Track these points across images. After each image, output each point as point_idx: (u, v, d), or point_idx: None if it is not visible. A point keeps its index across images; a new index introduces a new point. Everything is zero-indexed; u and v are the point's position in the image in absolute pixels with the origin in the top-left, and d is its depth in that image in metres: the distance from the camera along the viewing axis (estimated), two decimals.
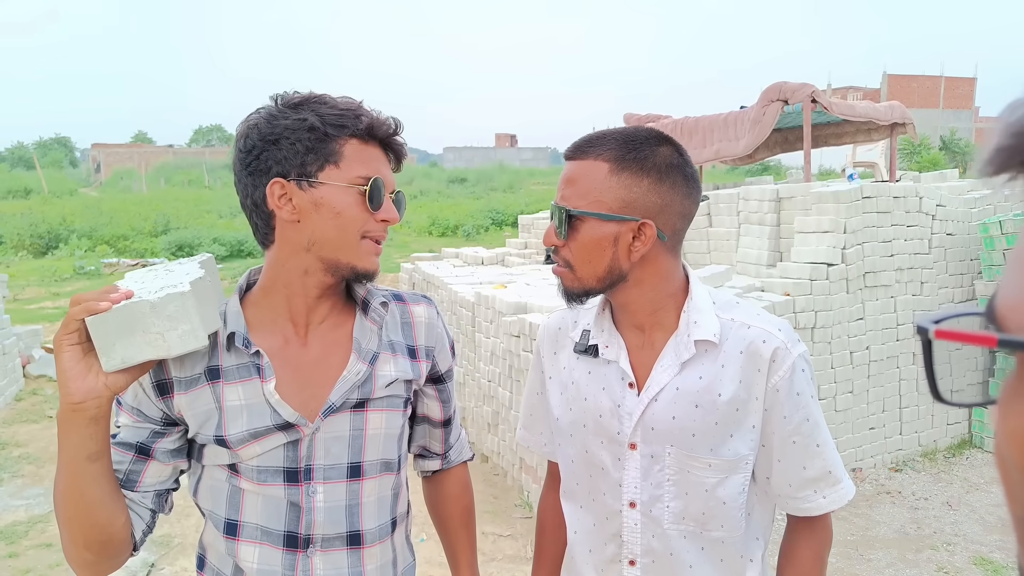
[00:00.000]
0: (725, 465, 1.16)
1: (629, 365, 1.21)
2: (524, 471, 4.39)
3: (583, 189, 1.14)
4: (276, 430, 1.12)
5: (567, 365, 1.30)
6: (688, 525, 1.19)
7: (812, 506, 1.19)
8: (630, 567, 1.22)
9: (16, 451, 5.29)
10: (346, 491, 1.16)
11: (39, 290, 12.03)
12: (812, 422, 1.17)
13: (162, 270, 1.11)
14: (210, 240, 16.39)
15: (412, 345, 1.26)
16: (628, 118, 8.20)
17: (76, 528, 1.04)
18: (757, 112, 6.65)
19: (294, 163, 1.09)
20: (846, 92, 40.81)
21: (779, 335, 1.17)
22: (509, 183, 32.44)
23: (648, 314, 1.20)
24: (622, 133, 1.16)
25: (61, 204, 22.36)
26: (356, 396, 1.16)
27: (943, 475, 4.83)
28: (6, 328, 6.42)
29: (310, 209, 1.09)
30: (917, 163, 25.77)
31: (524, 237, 8.99)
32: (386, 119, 1.15)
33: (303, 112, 1.09)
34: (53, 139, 66.23)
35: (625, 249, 1.14)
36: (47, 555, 3.81)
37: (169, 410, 1.12)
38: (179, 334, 0.99)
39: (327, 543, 1.16)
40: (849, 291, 4.69)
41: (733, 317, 1.19)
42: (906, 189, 5.04)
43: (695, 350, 1.16)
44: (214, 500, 1.16)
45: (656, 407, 1.18)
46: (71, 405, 0.97)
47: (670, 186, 1.14)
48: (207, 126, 71.88)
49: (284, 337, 1.16)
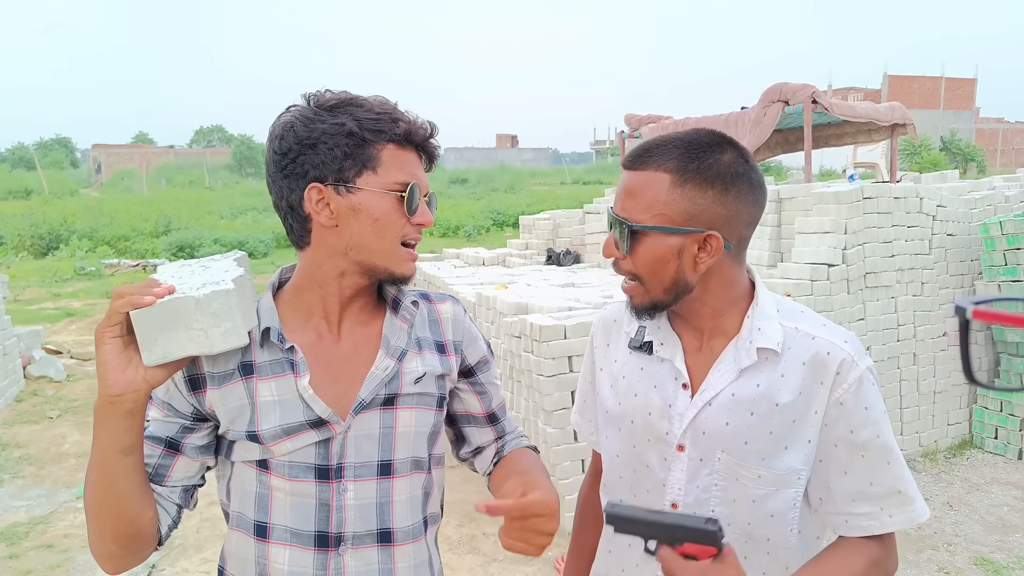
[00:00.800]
0: (775, 478, 1.13)
1: (684, 365, 1.18)
2: None
3: (645, 202, 1.11)
4: (308, 427, 1.12)
5: (619, 358, 1.28)
6: (733, 532, 1.15)
7: (875, 524, 1.12)
8: None
9: (16, 452, 5.29)
10: (376, 489, 1.17)
11: (40, 291, 12.04)
12: (882, 438, 1.12)
13: (198, 266, 1.11)
14: (211, 241, 16.40)
15: (441, 341, 1.26)
16: (629, 119, 8.20)
17: (105, 520, 1.05)
18: (758, 113, 6.65)
19: (332, 168, 1.09)
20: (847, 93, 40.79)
21: (845, 347, 1.13)
22: (510, 183, 32.45)
23: (709, 319, 1.17)
24: (683, 140, 1.12)
25: (62, 205, 22.36)
26: (384, 392, 1.17)
27: (944, 475, 4.83)
28: (7, 329, 6.42)
29: (348, 214, 1.10)
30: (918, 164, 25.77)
31: (525, 238, 8.98)
32: (422, 123, 1.14)
33: (340, 116, 1.09)
34: (54, 140, 66.22)
35: (691, 261, 1.11)
36: (48, 556, 3.82)
37: (200, 405, 1.13)
38: (222, 331, 1.00)
39: (358, 540, 1.16)
40: (850, 291, 4.69)
41: (797, 326, 1.15)
42: (907, 190, 5.03)
43: (756, 358, 1.13)
44: (243, 501, 1.16)
45: (710, 411, 1.15)
46: (109, 397, 0.97)
47: (736, 195, 1.10)
48: (208, 127, 71.87)
49: (317, 333, 1.17)
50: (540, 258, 8.42)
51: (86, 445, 5.44)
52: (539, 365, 3.97)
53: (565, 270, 7.41)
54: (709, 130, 1.15)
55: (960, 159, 33.41)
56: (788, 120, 7.28)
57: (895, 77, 43.03)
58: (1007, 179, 6.91)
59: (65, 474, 4.93)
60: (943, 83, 44.26)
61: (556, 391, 3.92)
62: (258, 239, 17.11)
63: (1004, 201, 5.64)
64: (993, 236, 5.03)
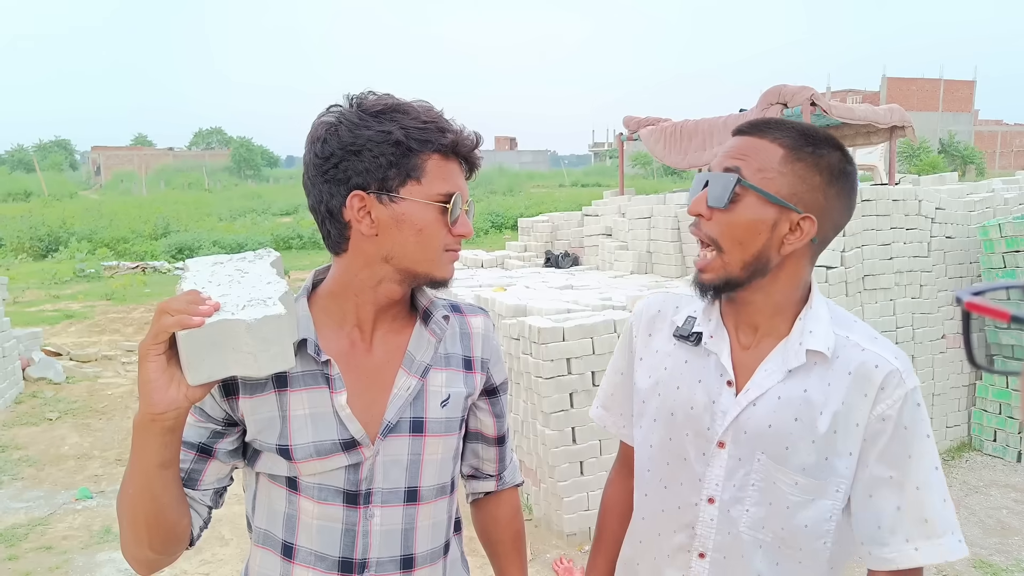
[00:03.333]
0: (812, 486, 1.10)
1: (730, 362, 1.16)
2: (524, 474, 4.39)
3: (757, 164, 1.09)
4: (340, 450, 1.11)
5: (661, 349, 1.25)
6: (766, 535, 1.14)
7: (900, 557, 1.07)
8: (699, 559, 1.19)
9: (16, 454, 5.28)
10: (403, 515, 1.16)
11: (39, 292, 12.03)
12: (916, 460, 1.07)
13: (233, 267, 1.07)
14: (210, 243, 16.40)
15: (469, 356, 1.24)
16: (628, 121, 8.20)
17: (143, 530, 1.04)
18: (756, 115, 6.66)
19: (376, 176, 1.06)
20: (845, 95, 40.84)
21: (894, 362, 1.09)
22: (509, 186, 32.44)
23: (767, 317, 1.15)
24: (801, 126, 1.11)
25: (61, 207, 22.36)
26: (411, 414, 1.15)
27: None
28: (6, 331, 6.41)
29: (391, 224, 1.08)
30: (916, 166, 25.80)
31: (524, 240, 8.98)
32: (469, 134, 1.12)
33: (386, 123, 1.06)
34: (53, 142, 66.20)
35: (779, 240, 1.09)
36: (47, 558, 3.81)
37: (232, 411, 1.11)
38: (271, 355, 0.98)
39: (381, 567, 1.15)
40: (848, 294, 4.69)
41: (848, 335, 1.13)
42: (905, 192, 5.04)
43: (805, 360, 1.11)
44: (271, 520, 1.16)
45: (754, 411, 1.13)
46: (151, 415, 0.95)
47: (836, 192, 1.10)
48: (207, 129, 71.82)
49: (350, 341, 1.15)
50: (539, 260, 8.43)
51: (85, 447, 5.44)
52: (538, 367, 3.97)
53: (564, 272, 7.41)
54: (824, 128, 1.15)
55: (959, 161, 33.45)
56: None
57: (894, 79, 43.08)
58: (1006, 181, 6.92)
59: (64, 476, 4.92)
60: (942, 85, 44.32)
61: (555, 393, 3.92)
62: (257, 241, 17.10)
63: (1003, 203, 5.65)
64: (992, 238, 5.03)
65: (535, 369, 4.01)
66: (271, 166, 58.89)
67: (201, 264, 1.08)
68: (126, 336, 8.92)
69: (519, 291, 5.63)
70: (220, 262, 1.09)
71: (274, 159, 62.17)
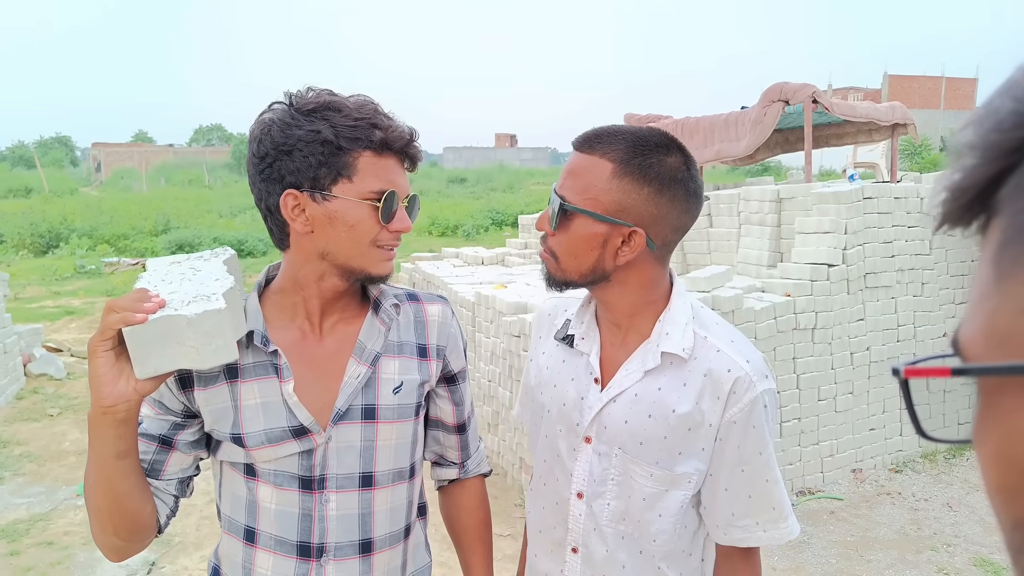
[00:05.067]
0: (666, 478, 1.16)
1: (599, 361, 1.22)
2: (524, 471, 4.39)
3: (583, 184, 1.13)
4: (291, 436, 1.14)
5: (546, 350, 1.33)
6: (627, 527, 1.20)
7: (749, 537, 1.19)
8: (572, 554, 1.24)
9: (17, 449, 5.29)
10: (359, 500, 1.18)
11: (40, 289, 12.03)
12: (764, 457, 1.16)
13: (188, 267, 1.12)
14: (210, 240, 16.39)
15: (424, 344, 1.26)
16: (629, 118, 8.20)
17: (106, 517, 1.09)
18: (758, 113, 6.65)
19: (307, 175, 1.08)
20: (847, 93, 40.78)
21: (745, 367, 1.15)
22: (509, 183, 32.44)
23: (626, 316, 1.21)
24: (634, 134, 1.14)
25: (62, 203, 22.35)
26: (362, 402, 1.18)
27: (943, 476, 4.84)
28: (7, 327, 6.41)
29: (324, 222, 1.10)
30: (918, 164, 25.77)
31: (524, 237, 8.98)
32: (401, 131, 1.12)
33: (317, 122, 1.07)
34: (54, 138, 66.22)
35: (612, 252, 1.14)
36: (48, 553, 3.82)
37: (190, 403, 1.16)
38: (213, 349, 1.02)
39: (340, 551, 1.17)
40: (850, 292, 4.69)
41: (707, 336, 1.18)
42: (907, 190, 5.04)
43: (660, 361, 1.16)
44: (234, 506, 1.19)
45: (613, 408, 1.19)
46: (102, 408, 1.00)
47: (669, 199, 1.12)
48: (207, 126, 71.87)
49: (301, 332, 1.19)
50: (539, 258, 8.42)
51: (86, 443, 5.39)
52: None
53: None
54: (662, 131, 1.17)
55: None
56: (788, 120, 7.28)
57: (895, 77, 43.03)
58: None
59: (65, 471, 4.93)
60: (944, 83, 44.27)
61: None
62: (257, 238, 17.08)
63: None
64: None
65: None
66: None
67: (159, 264, 1.14)
68: None
69: (519, 288, 5.62)
70: (177, 261, 1.14)
71: None
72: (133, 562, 3.67)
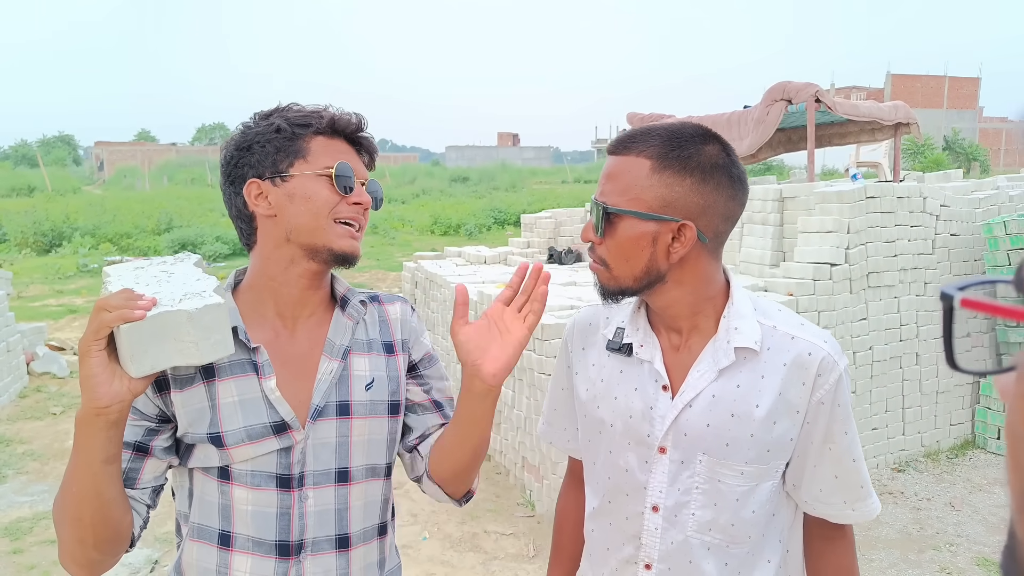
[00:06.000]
0: (757, 472, 1.14)
1: (663, 367, 1.18)
2: (526, 470, 4.39)
3: (623, 186, 1.11)
4: (271, 432, 1.15)
5: (597, 362, 1.27)
6: (714, 537, 1.16)
7: (839, 515, 1.19)
8: (645, 570, 1.20)
9: (20, 448, 5.30)
10: (335, 495, 1.20)
11: (43, 287, 12.05)
12: (850, 435, 1.15)
13: (157, 271, 1.12)
14: (213, 238, 16.40)
15: (390, 340, 1.29)
16: (631, 117, 8.19)
17: (88, 529, 1.05)
18: (761, 112, 6.65)
19: (267, 164, 1.16)
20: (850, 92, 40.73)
21: (825, 347, 1.14)
22: (511, 182, 32.43)
23: (686, 317, 1.17)
24: (667, 129, 1.12)
25: (64, 202, 22.38)
26: (336, 398, 1.20)
27: (946, 475, 4.83)
28: (10, 325, 6.43)
29: (285, 201, 1.16)
30: (921, 163, 25.74)
31: (526, 236, 8.98)
32: (349, 115, 1.21)
33: (272, 119, 1.18)
34: (56, 137, 66.33)
35: (664, 250, 1.11)
36: (51, 551, 3.82)
37: (165, 407, 1.15)
38: (212, 343, 1.02)
39: (317, 547, 1.18)
40: (852, 291, 4.68)
41: (775, 325, 1.15)
42: (910, 189, 5.03)
43: (735, 357, 1.13)
44: (206, 513, 1.18)
45: (691, 413, 1.14)
46: (96, 409, 0.98)
47: (714, 187, 1.10)
48: (210, 124, 71.88)
49: (274, 331, 1.21)
50: (542, 257, 8.43)
51: None
52: (541, 364, 3.97)
53: (567, 269, 7.41)
54: (695, 123, 1.16)
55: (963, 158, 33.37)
56: (791, 119, 7.27)
57: (898, 76, 42.95)
58: (1011, 179, 6.90)
59: None
60: (947, 82, 44.18)
61: None
62: None
63: (1008, 201, 5.63)
64: (997, 236, 5.02)
65: (538, 365, 4.01)
66: None
67: (122, 270, 1.13)
68: None
69: None
70: (141, 267, 1.14)
71: None
72: (136, 561, 3.68)
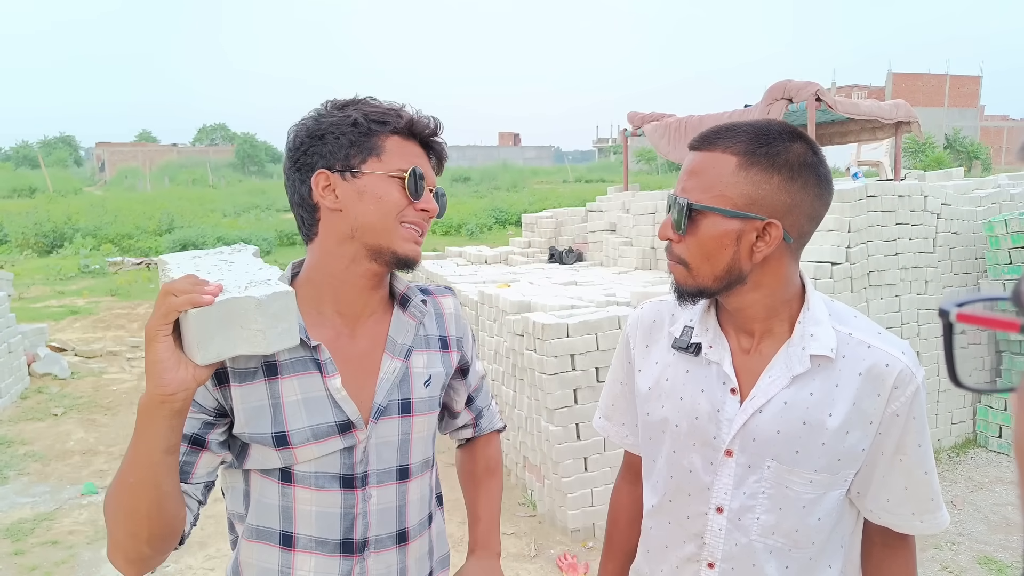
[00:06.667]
0: (826, 481, 1.12)
1: (732, 369, 1.15)
2: (528, 469, 4.39)
3: (707, 182, 1.08)
4: (336, 432, 1.14)
5: (661, 360, 1.25)
6: (777, 541, 1.15)
7: (906, 525, 1.15)
8: (708, 569, 1.19)
9: (22, 449, 5.30)
10: (396, 493, 1.21)
11: (44, 288, 12.06)
12: (923, 448, 1.13)
13: (217, 260, 1.10)
14: (214, 239, 16.42)
15: (444, 336, 1.30)
16: (632, 116, 8.19)
17: (143, 522, 1.01)
18: (761, 110, 6.64)
19: (338, 156, 1.14)
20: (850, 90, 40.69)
21: (903, 359, 1.10)
22: (512, 182, 32.41)
23: (761, 320, 1.14)
24: (754, 126, 1.09)
25: (66, 203, 22.40)
26: (398, 396, 1.20)
27: (947, 474, 4.83)
28: (11, 326, 6.43)
29: (353, 198, 1.14)
30: (922, 162, 25.70)
31: (528, 236, 8.98)
32: (427, 119, 1.19)
33: (348, 111, 1.16)
34: (57, 138, 66.26)
35: (747, 249, 1.08)
36: (53, 552, 3.83)
37: (223, 400, 1.12)
38: (279, 332, 1.00)
39: (380, 544, 1.19)
40: (853, 290, 4.68)
41: (851, 332, 1.12)
42: (911, 188, 5.02)
43: (810, 365, 1.10)
44: (265, 514, 1.16)
45: (761, 418, 1.12)
46: (161, 396, 0.95)
47: (801, 185, 1.07)
48: (211, 124, 71.78)
49: (334, 329, 1.19)
50: (543, 256, 8.42)
51: (90, 442, 5.45)
52: (541, 363, 3.97)
53: (568, 268, 7.41)
54: (781, 121, 1.12)
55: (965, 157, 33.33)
56: (792, 118, 7.26)
57: (899, 75, 42.89)
58: (1012, 177, 6.88)
59: (70, 471, 4.94)
60: (948, 80, 44.12)
61: (558, 389, 3.92)
62: (261, 237, 17.12)
63: (1009, 199, 5.62)
64: (998, 234, 5.02)
65: (539, 365, 4.01)
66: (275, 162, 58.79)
67: (180, 258, 1.11)
68: (131, 332, 8.94)
69: (523, 287, 5.63)
70: (198, 256, 1.12)
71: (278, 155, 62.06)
72: None
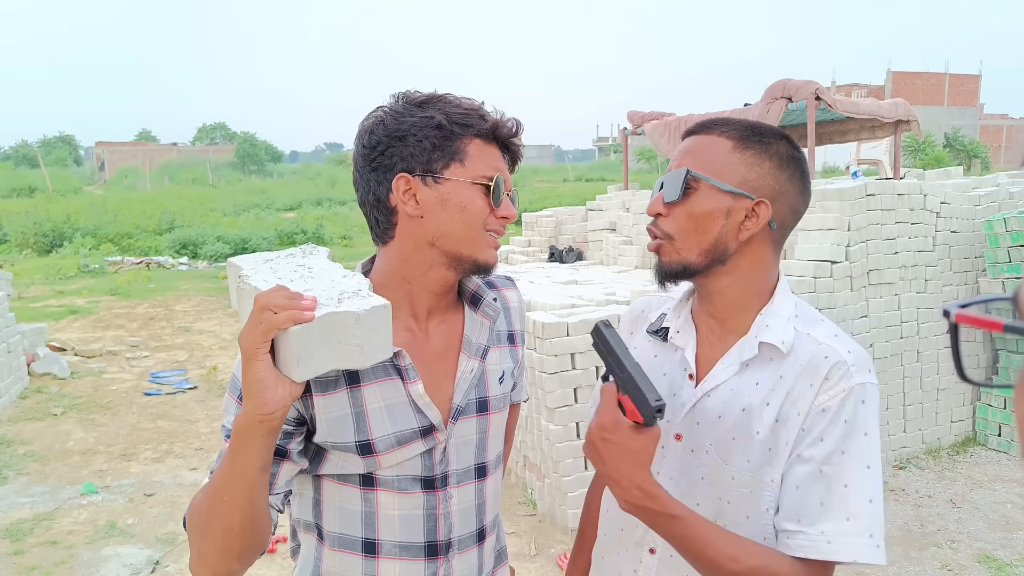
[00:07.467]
0: (752, 479, 1.10)
1: (695, 356, 1.18)
2: (528, 468, 4.39)
3: (704, 160, 1.13)
4: (418, 436, 1.12)
5: (638, 346, 1.29)
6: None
7: (809, 546, 1.03)
8: (649, 555, 1.21)
9: (21, 449, 5.30)
10: (474, 491, 1.20)
11: (44, 288, 12.05)
12: (848, 457, 1.03)
13: (293, 264, 1.07)
14: (214, 238, 16.42)
15: (511, 331, 1.29)
16: (632, 116, 8.18)
17: (237, 538, 1.00)
18: (761, 110, 6.64)
19: (420, 160, 1.09)
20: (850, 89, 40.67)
21: (845, 355, 1.07)
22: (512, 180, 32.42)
23: (731, 308, 1.16)
24: (746, 121, 1.16)
25: (65, 202, 22.40)
26: (475, 395, 1.19)
27: (947, 473, 4.83)
28: (11, 326, 6.43)
29: (436, 204, 1.10)
30: (921, 160, 25.71)
31: (528, 235, 8.98)
32: (509, 121, 1.16)
33: (429, 110, 1.10)
34: (57, 137, 66.32)
35: (735, 226, 1.11)
36: (52, 553, 3.83)
37: (304, 410, 1.08)
38: (375, 346, 0.97)
39: (462, 544, 1.19)
40: (853, 289, 4.68)
41: (810, 332, 1.12)
42: (910, 186, 5.02)
43: (757, 351, 1.12)
44: (346, 521, 1.14)
45: (707, 403, 1.15)
46: (261, 416, 0.92)
47: (788, 176, 1.13)
48: (211, 124, 71.77)
49: (410, 332, 1.16)
50: (543, 255, 8.42)
51: (90, 442, 5.45)
52: (542, 362, 3.97)
53: (568, 267, 7.40)
54: (770, 125, 1.18)
55: (964, 156, 33.34)
56: (791, 117, 7.26)
57: (899, 73, 42.88)
58: (1011, 176, 6.88)
59: (69, 471, 4.94)
60: (947, 79, 44.11)
61: (559, 388, 3.92)
62: (261, 236, 17.13)
63: (1008, 198, 5.62)
64: (997, 233, 5.01)
65: (539, 364, 4.01)
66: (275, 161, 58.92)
67: (253, 263, 1.06)
68: (131, 332, 8.94)
69: (523, 286, 5.62)
70: (271, 259, 1.08)
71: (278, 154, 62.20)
72: (137, 561, 3.68)
